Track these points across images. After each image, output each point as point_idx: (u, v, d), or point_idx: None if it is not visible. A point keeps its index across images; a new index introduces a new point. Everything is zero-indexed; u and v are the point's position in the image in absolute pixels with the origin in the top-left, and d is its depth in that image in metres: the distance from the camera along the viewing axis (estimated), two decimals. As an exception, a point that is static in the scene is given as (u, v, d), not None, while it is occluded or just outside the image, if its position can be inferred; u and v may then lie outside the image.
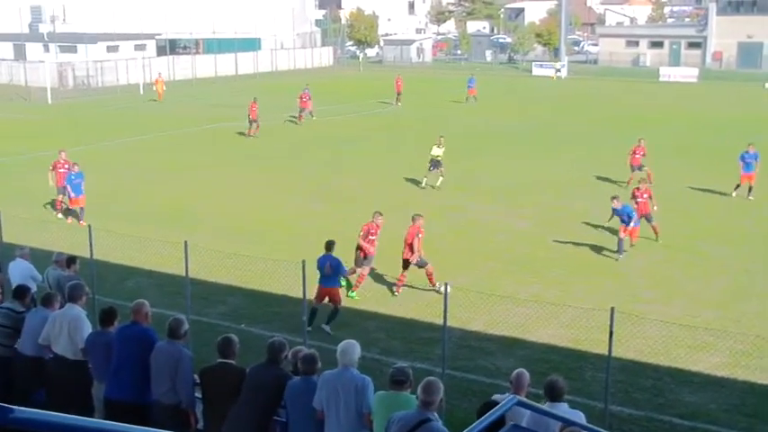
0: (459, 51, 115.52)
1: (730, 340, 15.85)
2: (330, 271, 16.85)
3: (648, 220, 23.53)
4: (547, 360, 15.37)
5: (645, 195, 23.84)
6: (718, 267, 21.53)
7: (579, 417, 8.77)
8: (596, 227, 24.67)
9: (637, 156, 31.03)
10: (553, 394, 8.89)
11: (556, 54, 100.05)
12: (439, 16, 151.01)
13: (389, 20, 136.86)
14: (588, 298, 18.49)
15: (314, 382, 9.06)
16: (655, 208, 23.89)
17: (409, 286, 19.19)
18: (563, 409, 8.80)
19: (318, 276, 16.87)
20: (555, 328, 16.97)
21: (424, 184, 30.20)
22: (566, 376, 9.83)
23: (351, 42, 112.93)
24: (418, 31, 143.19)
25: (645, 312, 16.86)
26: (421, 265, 18.94)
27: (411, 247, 18.84)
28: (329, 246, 17.18)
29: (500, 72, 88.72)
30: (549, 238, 23.92)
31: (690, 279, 20.56)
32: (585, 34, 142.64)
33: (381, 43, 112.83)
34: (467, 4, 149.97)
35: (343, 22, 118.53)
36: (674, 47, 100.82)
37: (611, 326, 12.55)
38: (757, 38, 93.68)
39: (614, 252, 22.07)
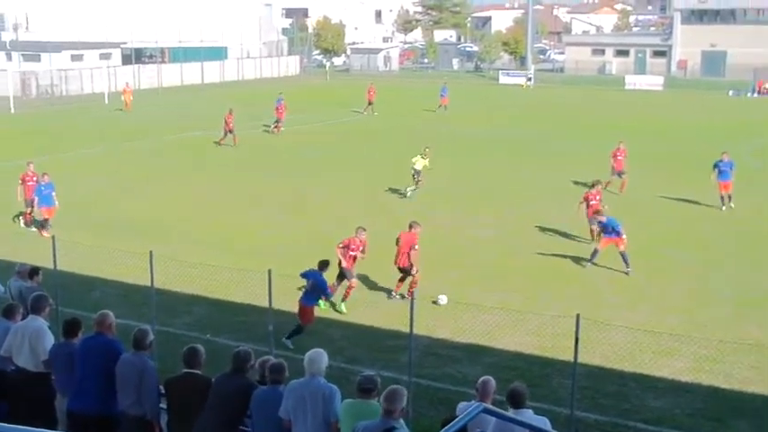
0: (426, 60, 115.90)
1: (694, 345, 16.00)
2: (310, 288, 16.71)
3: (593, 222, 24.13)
4: (513, 367, 15.42)
5: (598, 198, 24.41)
6: (682, 273, 21.73)
7: (545, 423, 8.82)
8: (572, 237, 24.86)
9: (619, 158, 31.38)
10: (515, 401, 8.92)
11: (522, 63, 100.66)
12: (406, 25, 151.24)
13: (356, 29, 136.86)
14: (554, 305, 18.56)
15: (280, 392, 9.06)
16: (605, 207, 24.26)
17: (392, 290, 19.20)
18: (528, 415, 8.84)
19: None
20: (521, 335, 17.02)
21: (409, 195, 29.86)
22: (532, 383, 9.90)
23: (317, 51, 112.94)
24: (385, 39, 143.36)
25: (610, 318, 16.95)
26: (411, 272, 19.03)
27: (407, 255, 18.94)
28: (321, 265, 17.04)
29: (467, 80, 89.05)
30: (514, 246, 24.04)
31: (654, 285, 20.73)
32: (552, 43, 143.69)
33: (348, 52, 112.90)
34: (434, 13, 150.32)
35: (310, 30, 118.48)
36: (640, 55, 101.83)
37: (576, 332, 12.61)
38: (720, 46, 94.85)
39: (587, 261, 22.13)
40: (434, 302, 18.61)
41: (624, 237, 21.57)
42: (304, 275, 16.89)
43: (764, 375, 12.50)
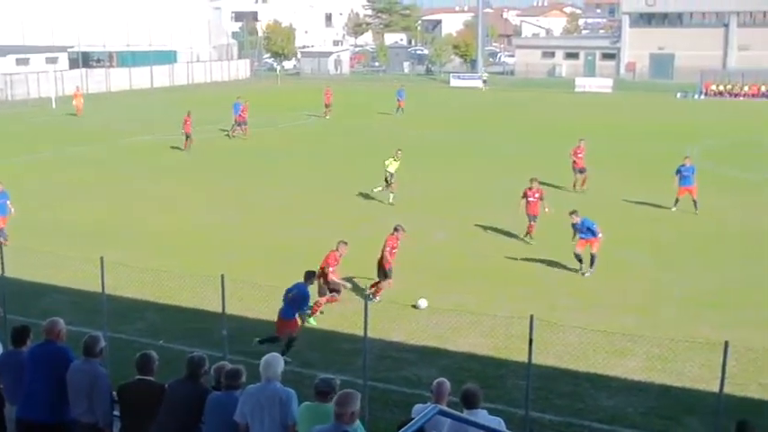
0: (376, 63, 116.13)
1: (647, 345, 16.16)
2: (290, 301, 16.26)
3: (533, 219, 24.60)
4: (468, 369, 15.44)
5: (536, 195, 24.74)
6: (635, 274, 21.92)
7: (499, 423, 8.83)
8: (512, 236, 25.00)
9: (579, 155, 31.68)
10: (468, 402, 8.93)
11: (473, 66, 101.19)
12: (356, 28, 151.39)
13: (306, 32, 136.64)
14: (507, 307, 18.63)
15: (235, 397, 8.99)
16: (546, 210, 24.64)
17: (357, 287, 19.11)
18: (482, 416, 8.86)
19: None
20: (475, 337, 17.07)
21: (392, 200, 29.73)
22: (486, 384, 9.91)
23: (268, 55, 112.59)
24: (336, 43, 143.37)
25: (564, 320, 17.07)
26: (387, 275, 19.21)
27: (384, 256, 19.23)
28: (307, 276, 16.66)
29: (418, 83, 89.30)
30: (468, 249, 24.11)
31: (608, 286, 20.88)
32: (502, 46, 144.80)
33: (299, 55, 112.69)
34: (384, 17, 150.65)
35: (260, 34, 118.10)
36: (589, 58, 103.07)
37: (530, 333, 12.67)
38: (668, 49, 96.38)
39: (583, 269, 21.80)
40: (414, 306, 18.66)
41: (600, 236, 21.47)
42: (290, 290, 16.34)
43: (715, 373, 12.62)
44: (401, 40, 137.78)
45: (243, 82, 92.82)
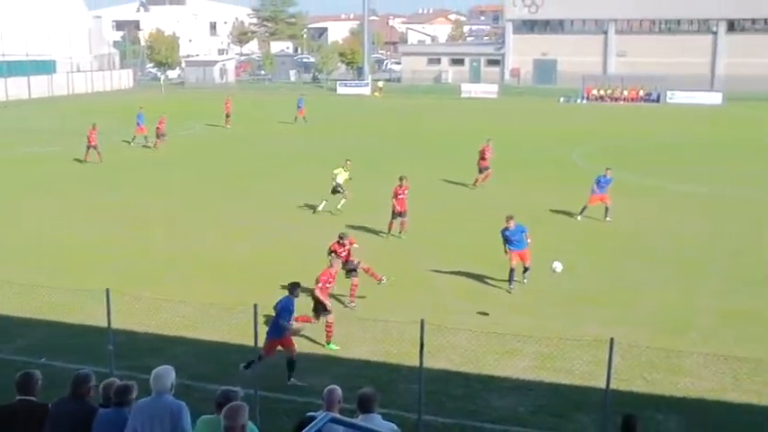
0: (263, 72, 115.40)
1: (536, 344, 16.43)
2: (275, 318, 15.39)
3: (402, 215, 25.40)
4: (361, 375, 15.40)
5: (406, 192, 25.47)
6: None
7: (392, 429, 8.86)
8: (414, 243, 25.10)
9: (486, 155, 32.45)
10: (363, 406, 8.93)
11: (360, 73, 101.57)
12: (241, 37, 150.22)
13: (191, 41, 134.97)
14: (399, 312, 18.61)
15: (125, 414, 8.77)
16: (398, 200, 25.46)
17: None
18: (376, 421, 8.87)
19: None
20: (367, 343, 17.07)
21: (340, 206, 29.24)
22: (379, 389, 9.87)
23: (151, 64, 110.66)
24: (221, 51, 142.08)
25: (455, 323, 17.18)
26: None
27: (347, 257, 19.23)
28: (290, 288, 15.68)
29: (306, 92, 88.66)
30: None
31: (499, 288, 21.10)
32: (388, 53, 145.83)
33: (183, 65, 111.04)
34: (270, 25, 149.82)
35: (143, 43, 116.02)
36: (474, 64, 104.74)
37: (421, 337, 12.76)
38: (551, 55, 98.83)
39: (512, 286, 21.18)
40: (553, 271, 20.37)
41: (529, 241, 20.99)
42: (275, 306, 15.49)
43: (602, 369, 12.94)
44: (287, 48, 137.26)
45: (126, 92, 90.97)
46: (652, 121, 62.59)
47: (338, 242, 19.79)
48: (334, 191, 29.30)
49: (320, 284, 17.15)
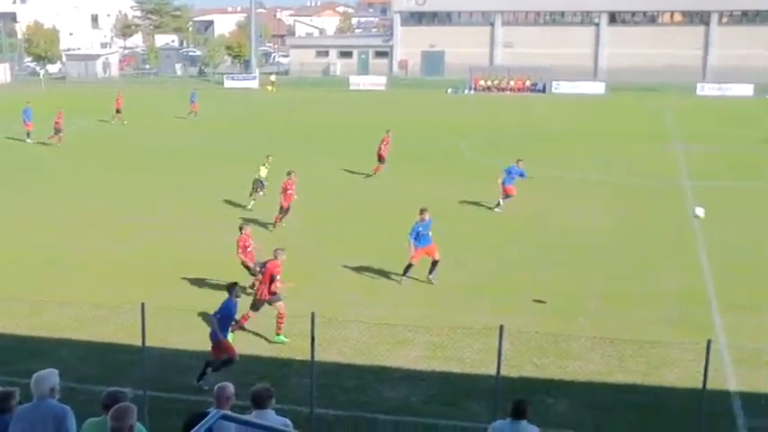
0: (147, 65, 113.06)
1: (427, 334, 16.54)
2: (218, 321, 14.96)
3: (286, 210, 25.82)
4: (253, 371, 15.17)
5: (293, 187, 25.78)
6: (418, 266, 22.11)
7: (285, 423, 8.78)
8: (308, 237, 24.95)
9: (385, 145, 32.74)
10: (257, 402, 8.90)
11: (247, 66, 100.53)
12: (125, 30, 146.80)
13: (72, 34, 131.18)
14: (290, 306, 18.39)
15: (6, 421, 8.46)
16: (295, 196, 25.79)
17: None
18: (270, 417, 8.85)
19: None
20: (259, 339, 16.89)
21: (250, 207, 28.63)
22: (271, 385, 9.73)
23: (30, 58, 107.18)
24: (103, 45, 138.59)
25: (348, 315, 17.13)
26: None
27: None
28: (229, 288, 15.31)
29: (192, 86, 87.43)
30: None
31: (391, 280, 21.15)
32: (276, 46, 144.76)
33: (64, 59, 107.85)
34: (154, 18, 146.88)
35: (20, 36, 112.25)
36: (363, 56, 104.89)
37: (312, 331, 12.69)
38: (439, 47, 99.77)
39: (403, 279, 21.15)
40: (696, 216, 22.87)
41: (424, 246, 20.85)
42: (217, 312, 15.08)
43: (492, 357, 13.07)
44: (172, 41, 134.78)
45: (3, 87, 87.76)
46: (539, 111, 63.77)
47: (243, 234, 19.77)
48: (255, 187, 29.04)
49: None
